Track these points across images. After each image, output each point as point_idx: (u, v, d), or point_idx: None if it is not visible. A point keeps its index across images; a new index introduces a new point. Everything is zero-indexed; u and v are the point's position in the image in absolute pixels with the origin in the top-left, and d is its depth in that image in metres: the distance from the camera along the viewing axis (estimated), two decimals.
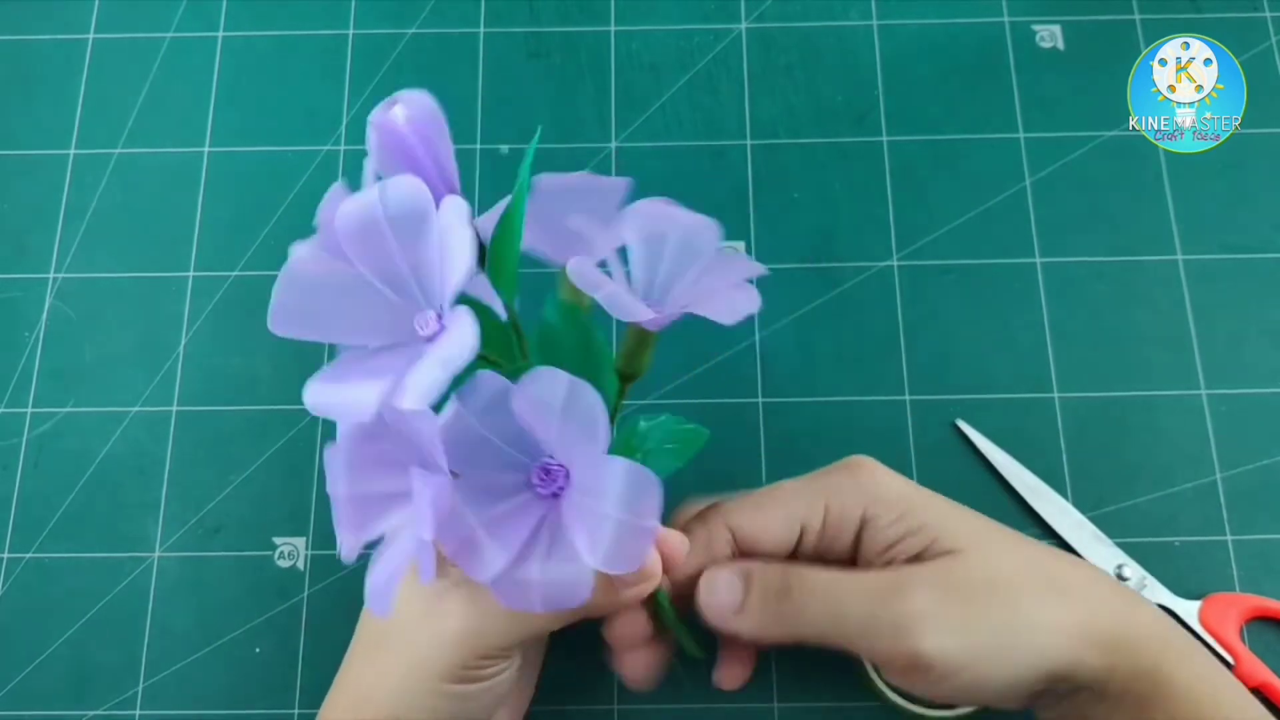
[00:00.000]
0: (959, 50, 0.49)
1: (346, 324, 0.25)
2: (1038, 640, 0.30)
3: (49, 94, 0.49)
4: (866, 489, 0.33)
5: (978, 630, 0.30)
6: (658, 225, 0.29)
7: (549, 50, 0.49)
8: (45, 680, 0.41)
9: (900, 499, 0.32)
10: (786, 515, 0.33)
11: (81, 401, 0.44)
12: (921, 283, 0.45)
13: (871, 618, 0.30)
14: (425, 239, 0.23)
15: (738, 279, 0.29)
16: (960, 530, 0.32)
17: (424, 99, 0.25)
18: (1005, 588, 0.31)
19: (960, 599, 0.30)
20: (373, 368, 0.24)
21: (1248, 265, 0.45)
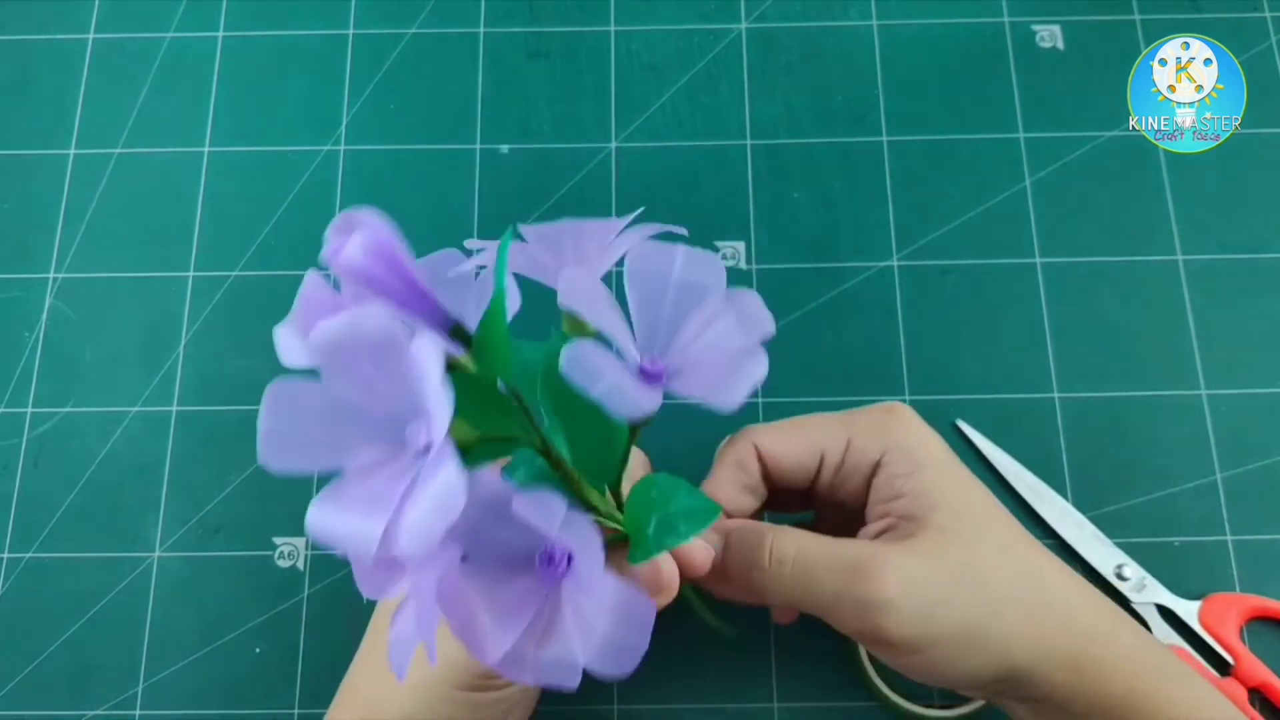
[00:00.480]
0: (959, 50, 0.49)
1: (336, 443, 0.24)
2: (997, 642, 0.30)
3: (49, 94, 0.49)
4: (891, 433, 0.33)
5: (941, 619, 0.30)
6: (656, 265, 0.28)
7: (549, 50, 0.49)
8: (45, 680, 0.41)
9: (917, 452, 0.33)
10: (809, 442, 0.34)
11: (81, 401, 0.44)
12: (921, 283, 0.45)
13: (838, 595, 0.30)
14: (400, 365, 0.24)
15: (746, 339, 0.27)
16: (955, 509, 0.32)
17: (377, 223, 0.25)
18: (978, 581, 0.30)
19: (928, 585, 0.30)
20: (371, 489, 0.23)
21: (1248, 265, 0.45)
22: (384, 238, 0.25)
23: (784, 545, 0.31)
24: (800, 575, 0.31)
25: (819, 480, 0.34)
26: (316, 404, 0.24)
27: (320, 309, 0.25)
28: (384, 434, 0.24)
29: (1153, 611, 0.40)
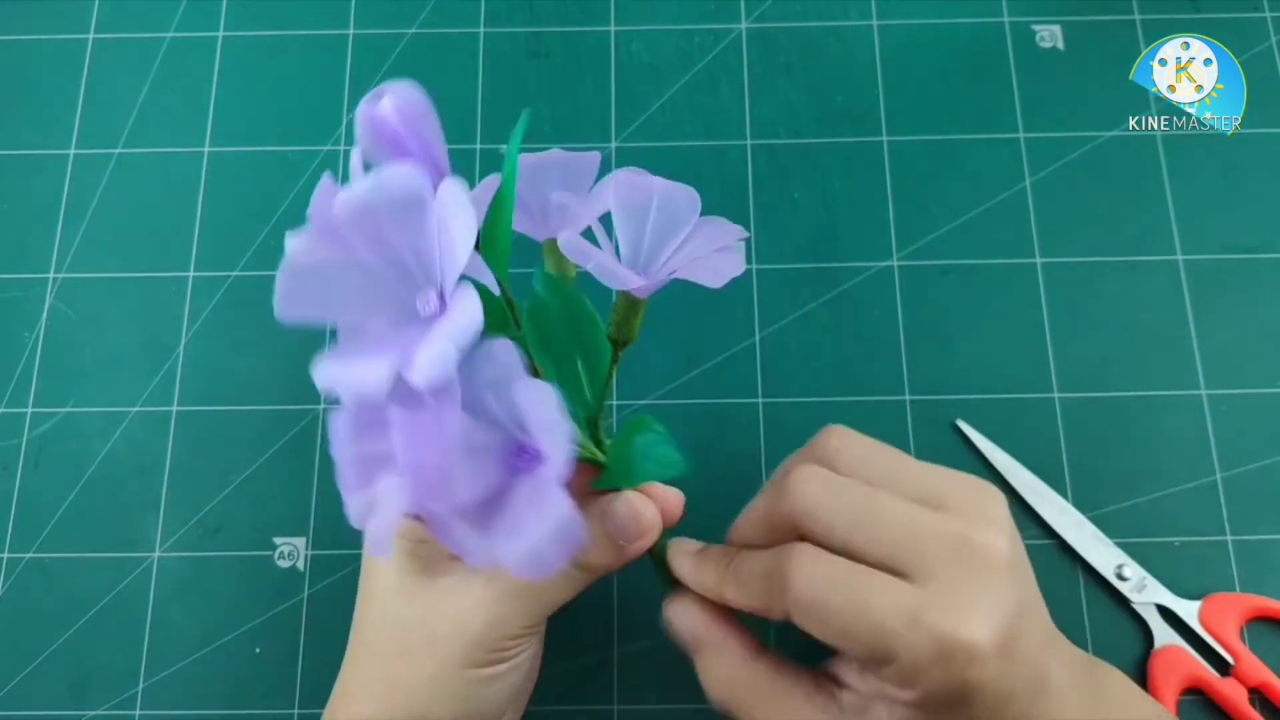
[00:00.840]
0: (959, 50, 0.49)
1: (349, 304, 0.25)
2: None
3: (49, 94, 0.49)
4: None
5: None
6: (637, 194, 0.30)
7: (549, 50, 0.49)
8: (45, 680, 0.41)
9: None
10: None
11: (81, 401, 0.44)
12: (921, 283, 0.45)
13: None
14: (423, 223, 0.24)
15: (722, 244, 0.30)
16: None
17: (410, 90, 0.26)
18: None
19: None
20: (379, 345, 0.24)
21: (1248, 265, 0.45)
22: (414, 101, 0.26)
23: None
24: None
25: None
26: (331, 271, 0.25)
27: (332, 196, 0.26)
28: (394, 303, 0.25)
29: (1153, 611, 0.40)
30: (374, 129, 0.26)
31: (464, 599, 0.30)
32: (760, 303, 0.45)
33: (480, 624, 0.30)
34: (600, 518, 0.30)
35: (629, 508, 0.30)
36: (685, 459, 0.29)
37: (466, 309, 0.23)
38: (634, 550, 0.30)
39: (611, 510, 0.30)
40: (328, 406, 0.44)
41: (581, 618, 0.40)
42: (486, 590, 0.30)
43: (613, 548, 0.30)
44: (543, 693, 0.37)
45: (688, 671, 0.33)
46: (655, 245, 0.30)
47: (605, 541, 0.30)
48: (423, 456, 0.25)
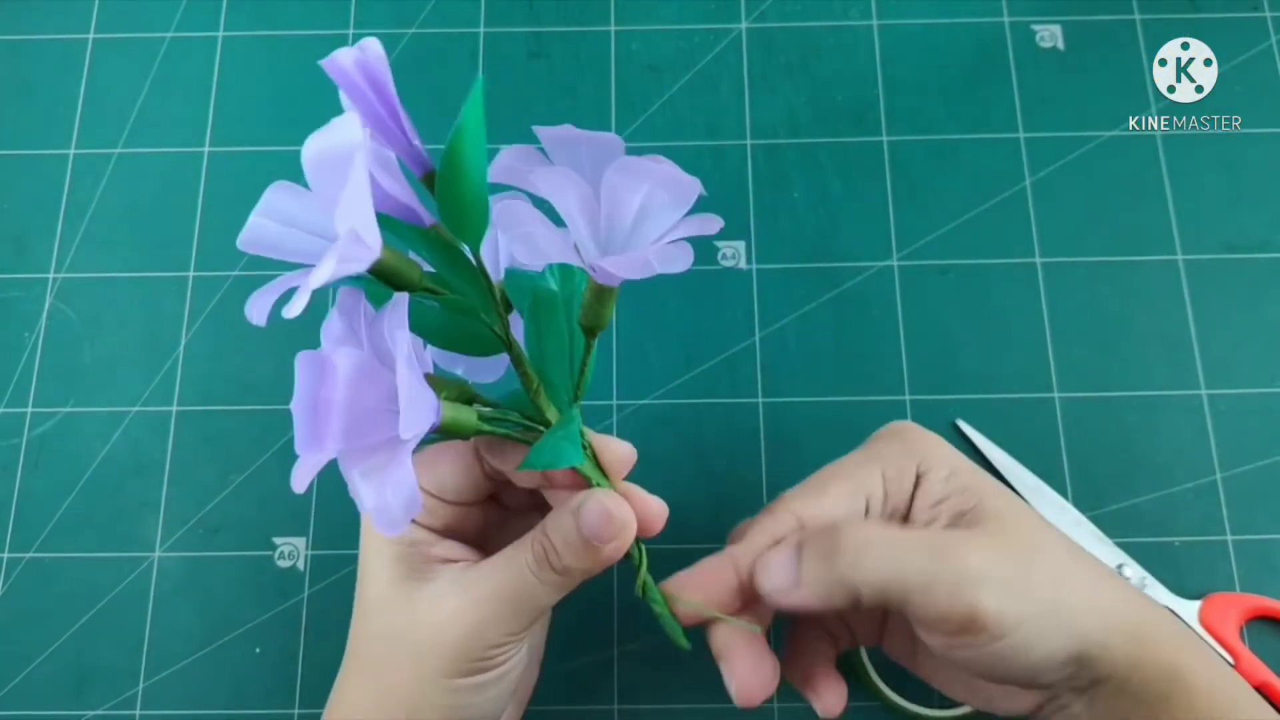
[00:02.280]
0: (959, 50, 0.49)
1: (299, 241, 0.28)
2: (1077, 617, 0.30)
3: (49, 94, 0.49)
4: (916, 448, 0.33)
5: (1029, 594, 0.29)
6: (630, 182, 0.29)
7: (549, 50, 0.49)
8: (45, 680, 0.41)
9: (947, 458, 0.33)
10: (851, 490, 0.33)
11: (81, 401, 0.44)
12: (921, 283, 0.45)
13: (930, 573, 0.29)
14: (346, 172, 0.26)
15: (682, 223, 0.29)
16: (1002, 498, 0.32)
17: (375, 47, 0.28)
18: (1050, 560, 0.31)
19: (1014, 563, 0.30)
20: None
21: (1248, 265, 0.45)
22: (374, 61, 0.27)
23: (867, 531, 0.30)
24: (888, 557, 0.30)
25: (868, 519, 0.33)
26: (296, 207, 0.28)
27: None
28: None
29: None
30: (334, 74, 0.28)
31: (444, 609, 0.30)
32: (760, 303, 0.45)
33: (459, 634, 0.29)
34: (575, 517, 0.29)
35: (600, 507, 0.29)
36: (581, 456, 0.28)
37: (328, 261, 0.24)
38: (609, 552, 0.30)
39: (583, 509, 0.29)
40: None
41: (581, 618, 0.40)
42: (464, 599, 0.29)
43: (587, 549, 0.29)
44: (543, 693, 0.37)
45: (688, 671, 0.33)
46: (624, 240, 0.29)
47: (580, 543, 0.29)
48: (315, 394, 0.26)
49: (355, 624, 0.32)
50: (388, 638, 0.31)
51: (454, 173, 0.27)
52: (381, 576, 0.31)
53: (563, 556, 0.29)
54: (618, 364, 0.44)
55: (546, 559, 0.29)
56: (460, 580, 0.30)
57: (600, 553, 0.29)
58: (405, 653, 0.30)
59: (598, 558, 0.30)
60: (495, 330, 0.29)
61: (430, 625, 0.30)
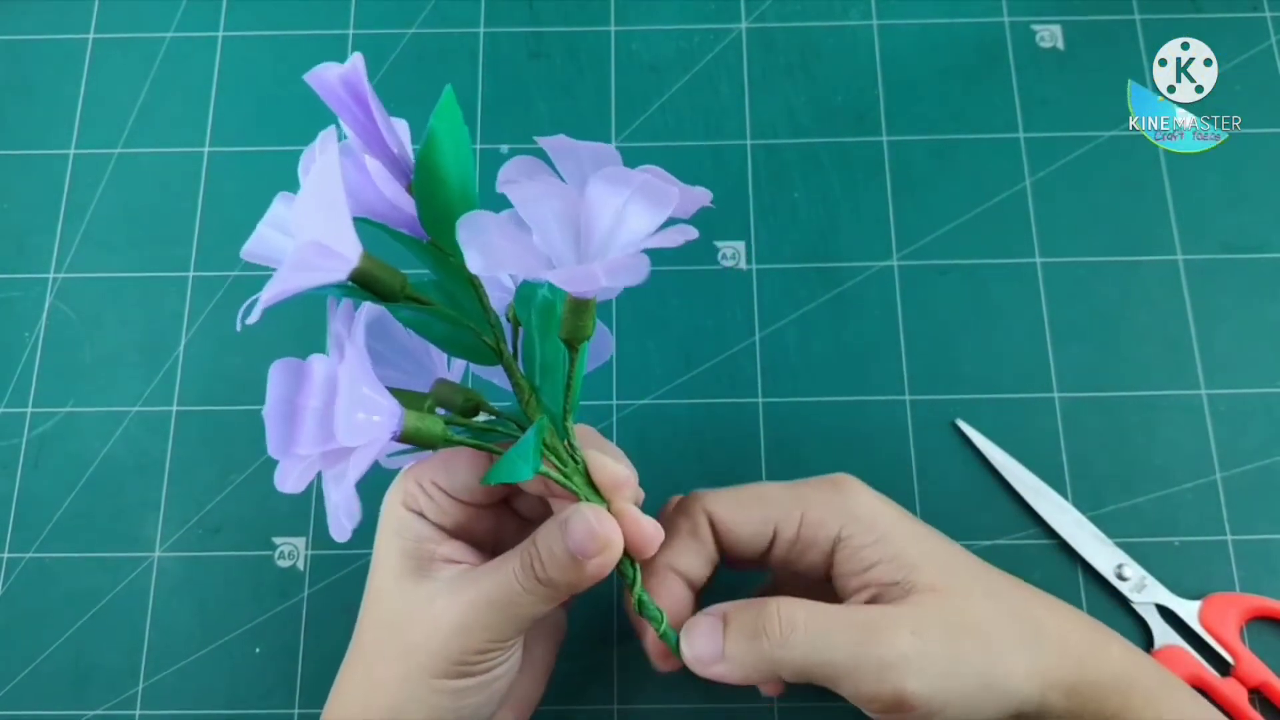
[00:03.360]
0: (959, 50, 0.49)
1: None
2: (1009, 685, 0.30)
3: (49, 94, 0.49)
4: (845, 506, 0.33)
5: (957, 674, 0.30)
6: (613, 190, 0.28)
7: (549, 50, 0.49)
8: (45, 680, 0.41)
9: (877, 522, 0.32)
10: (764, 515, 0.33)
11: (81, 401, 0.44)
12: (921, 283, 0.45)
13: (856, 658, 0.30)
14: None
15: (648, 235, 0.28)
16: (936, 566, 0.32)
17: (358, 62, 0.28)
18: (981, 632, 0.31)
19: (941, 641, 0.30)
20: None
21: (1248, 265, 0.45)
22: (356, 76, 0.28)
23: (792, 612, 0.31)
24: (814, 640, 0.30)
25: (773, 552, 0.34)
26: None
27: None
28: None
29: (1153, 611, 0.40)
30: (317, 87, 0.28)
31: (435, 607, 0.30)
32: (760, 303, 0.45)
33: (446, 634, 0.29)
34: (561, 530, 0.29)
35: (584, 522, 0.29)
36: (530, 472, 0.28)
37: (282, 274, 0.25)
38: (593, 569, 0.30)
39: (568, 523, 0.29)
40: None
41: (581, 618, 0.40)
42: (455, 601, 0.30)
43: (572, 563, 0.29)
44: None
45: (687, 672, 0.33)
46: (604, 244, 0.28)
47: (565, 556, 0.29)
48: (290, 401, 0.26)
49: (362, 612, 0.33)
50: (382, 631, 0.31)
51: (429, 182, 0.28)
52: (388, 569, 0.31)
53: (547, 568, 0.29)
54: (618, 364, 0.44)
55: (532, 568, 0.29)
56: (453, 582, 0.30)
57: (584, 568, 0.29)
58: (396, 647, 0.30)
59: (582, 573, 0.30)
60: (485, 340, 0.29)
61: (419, 623, 0.30)
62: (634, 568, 0.32)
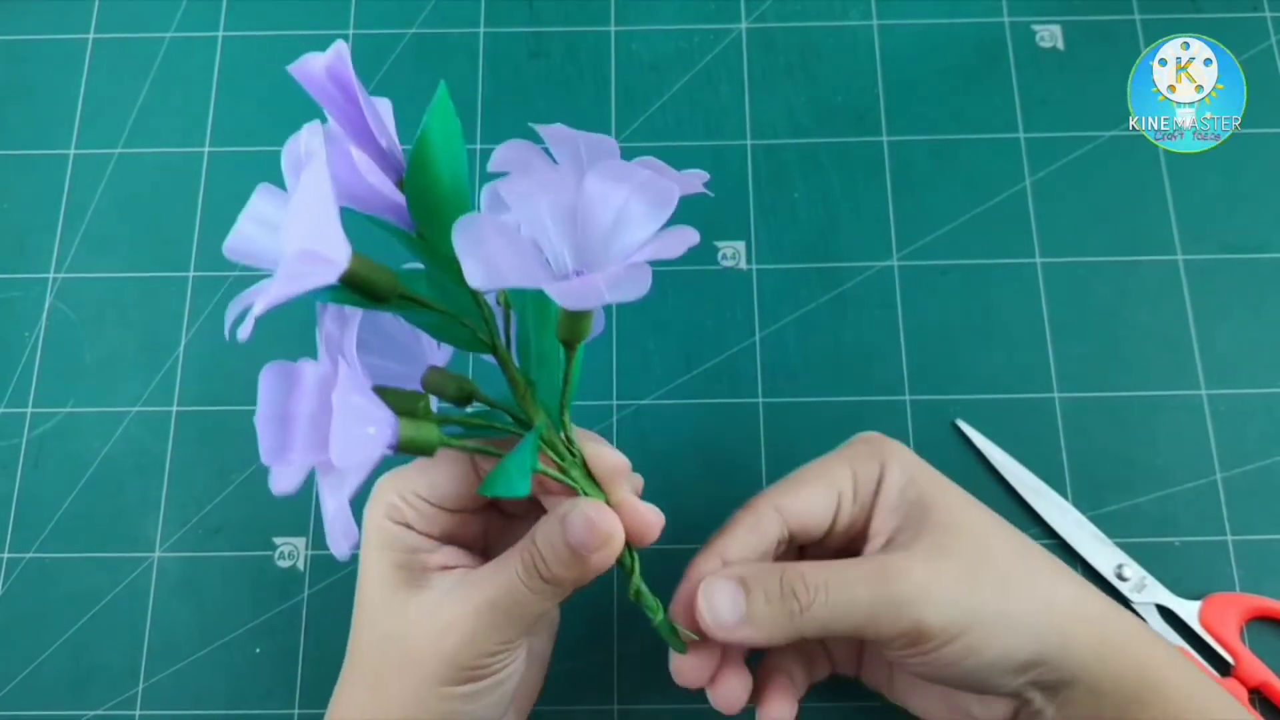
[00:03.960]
0: (959, 50, 0.49)
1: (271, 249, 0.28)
2: (1028, 618, 0.31)
3: (49, 94, 0.49)
4: (880, 450, 0.34)
5: (973, 602, 0.30)
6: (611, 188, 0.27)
7: (549, 50, 0.49)
8: (45, 680, 0.41)
9: (909, 463, 0.34)
10: (826, 487, 0.34)
11: (81, 401, 0.44)
12: (921, 283, 0.45)
13: (875, 604, 0.30)
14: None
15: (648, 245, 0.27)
16: (952, 509, 0.33)
17: (343, 52, 0.28)
18: (999, 564, 0.32)
19: (956, 575, 0.31)
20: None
21: (1248, 265, 0.45)
22: (340, 65, 0.27)
23: (814, 575, 0.31)
24: (840, 598, 0.31)
25: (838, 521, 0.34)
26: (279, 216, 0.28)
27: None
28: None
29: (1153, 611, 0.40)
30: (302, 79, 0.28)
31: (440, 616, 0.30)
32: (760, 303, 0.45)
33: (454, 642, 0.29)
34: (561, 526, 0.29)
35: (583, 518, 0.29)
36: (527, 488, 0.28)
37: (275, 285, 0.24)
38: (596, 562, 0.30)
39: (568, 519, 0.29)
40: None
41: (581, 618, 0.40)
42: (461, 608, 0.29)
43: (574, 559, 0.29)
44: (544, 692, 0.37)
45: None
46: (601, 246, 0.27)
47: (566, 552, 0.29)
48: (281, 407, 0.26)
49: (354, 631, 0.32)
50: (384, 645, 0.31)
51: (421, 179, 0.27)
52: (379, 583, 0.31)
53: (550, 565, 0.29)
54: (618, 364, 0.44)
55: (535, 567, 0.29)
56: (454, 589, 0.30)
57: (587, 562, 0.29)
58: (401, 661, 0.30)
59: (585, 567, 0.29)
60: (479, 335, 0.29)
61: (425, 634, 0.30)
62: (633, 557, 0.32)
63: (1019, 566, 0.32)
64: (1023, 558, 0.32)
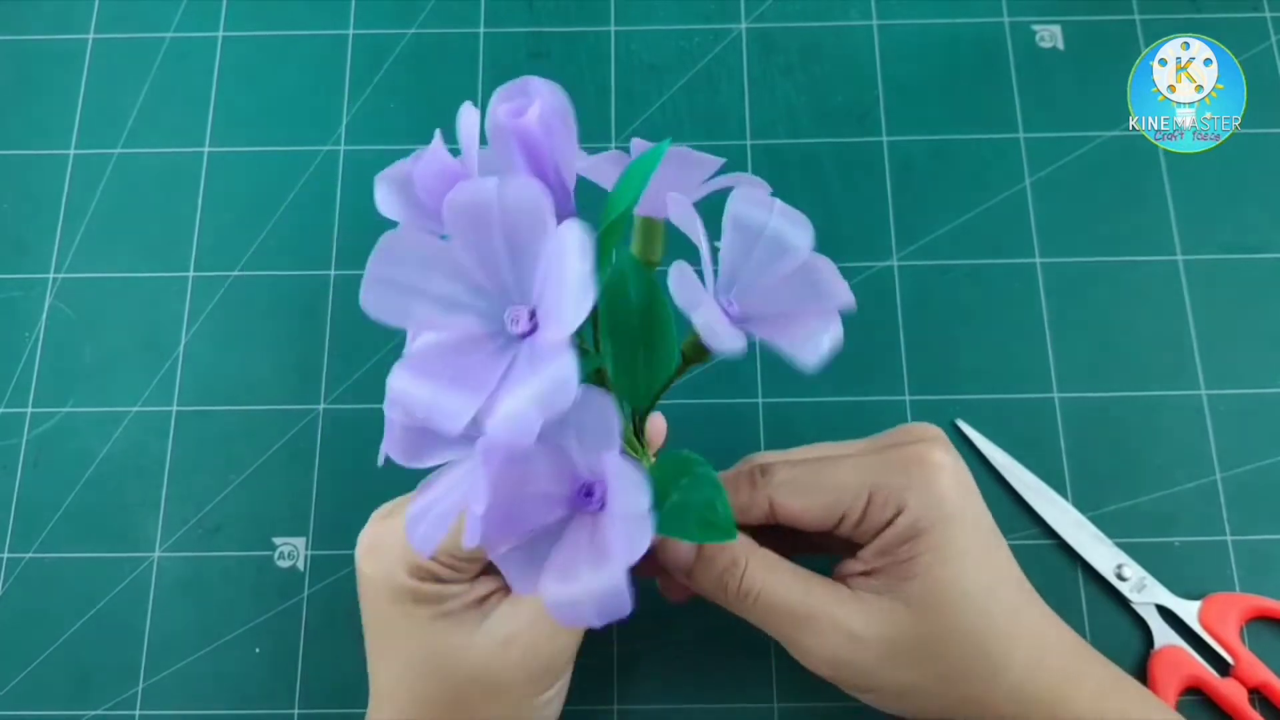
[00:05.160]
0: (959, 50, 0.49)
1: (435, 305, 0.24)
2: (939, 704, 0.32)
3: (49, 94, 0.49)
4: (909, 472, 0.31)
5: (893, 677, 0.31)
6: (755, 212, 0.28)
7: (549, 50, 0.49)
8: (45, 680, 0.41)
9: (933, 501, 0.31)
10: (833, 500, 0.31)
11: (81, 401, 0.44)
12: (921, 283, 0.45)
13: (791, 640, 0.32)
14: (534, 245, 0.24)
15: (825, 303, 0.28)
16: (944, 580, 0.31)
17: (556, 95, 0.25)
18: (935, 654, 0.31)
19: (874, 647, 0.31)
20: (461, 367, 0.24)
21: (1248, 265, 0.45)
22: (559, 110, 0.25)
23: (752, 579, 0.31)
24: (761, 612, 0.32)
25: (837, 531, 0.32)
26: (427, 261, 0.24)
27: (443, 169, 0.25)
28: (483, 311, 0.24)
29: (1152, 612, 0.40)
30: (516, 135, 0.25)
31: (517, 646, 0.30)
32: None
33: (543, 660, 0.31)
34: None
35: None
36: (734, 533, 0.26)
37: (561, 373, 0.22)
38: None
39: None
40: (327, 408, 0.44)
41: None
42: (537, 631, 0.30)
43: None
44: None
45: (687, 671, 0.33)
46: (756, 271, 0.28)
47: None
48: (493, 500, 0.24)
49: (415, 693, 0.31)
50: (466, 688, 0.31)
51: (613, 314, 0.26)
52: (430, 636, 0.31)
53: None
54: None
55: None
56: (519, 612, 0.31)
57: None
58: (488, 694, 0.31)
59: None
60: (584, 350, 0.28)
61: (506, 665, 0.30)
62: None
63: (961, 659, 0.31)
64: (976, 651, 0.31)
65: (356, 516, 0.33)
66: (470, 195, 0.24)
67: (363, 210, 0.46)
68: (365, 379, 0.44)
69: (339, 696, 0.40)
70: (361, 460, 0.43)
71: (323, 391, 0.44)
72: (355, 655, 0.34)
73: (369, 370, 0.44)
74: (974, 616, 0.30)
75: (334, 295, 0.45)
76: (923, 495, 0.30)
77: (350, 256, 0.45)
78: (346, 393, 0.44)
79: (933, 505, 0.30)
